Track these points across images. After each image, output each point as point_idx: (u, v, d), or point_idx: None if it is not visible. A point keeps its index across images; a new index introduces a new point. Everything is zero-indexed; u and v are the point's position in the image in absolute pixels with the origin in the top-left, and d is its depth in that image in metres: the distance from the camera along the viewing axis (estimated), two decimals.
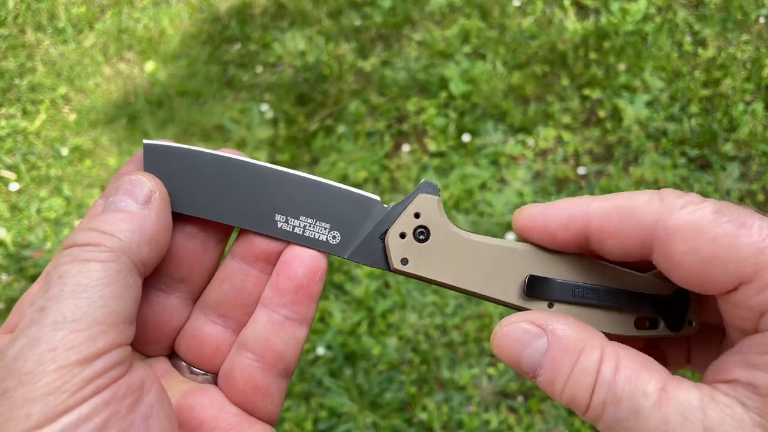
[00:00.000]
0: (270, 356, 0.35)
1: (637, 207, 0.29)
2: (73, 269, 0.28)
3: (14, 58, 2.63)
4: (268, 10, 2.63)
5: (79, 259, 0.28)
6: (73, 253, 0.29)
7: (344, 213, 0.35)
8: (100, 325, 0.27)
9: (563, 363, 0.29)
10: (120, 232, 0.30)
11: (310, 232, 0.34)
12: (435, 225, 0.35)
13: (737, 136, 1.93)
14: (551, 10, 2.37)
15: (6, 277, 1.96)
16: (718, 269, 0.27)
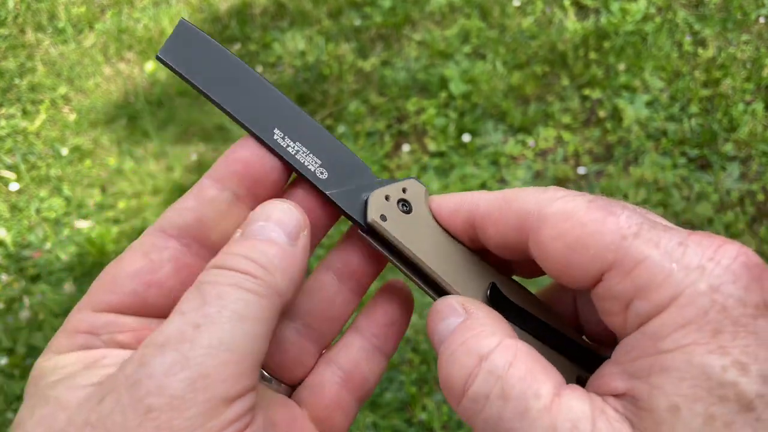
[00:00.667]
0: (358, 379, 0.34)
1: (520, 197, 0.29)
2: (233, 294, 0.26)
3: (14, 58, 2.63)
4: (268, 10, 2.63)
5: (241, 287, 0.26)
6: (235, 278, 0.27)
7: (337, 161, 0.34)
8: (249, 362, 0.25)
9: (455, 341, 0.28)
10: (276, 270, 0.28)
11: (302, 157, 0.34)
12: (418, 204, 0.34)
13: (737, 136, 1.93)
14: (551, 10, 2.37)
15: (6, 277, 1.96)
16: (582, 255, 0.25)
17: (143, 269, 0.30)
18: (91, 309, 0.29)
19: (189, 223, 0.31)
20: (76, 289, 1.89)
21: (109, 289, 0.30)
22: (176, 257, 0.30)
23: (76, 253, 1.98)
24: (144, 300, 0.30)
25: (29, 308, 1.86)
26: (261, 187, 0.32)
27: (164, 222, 0.31)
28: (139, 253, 0.30)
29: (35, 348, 1.78)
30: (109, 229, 2.01)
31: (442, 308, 0.30)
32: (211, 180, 0.31)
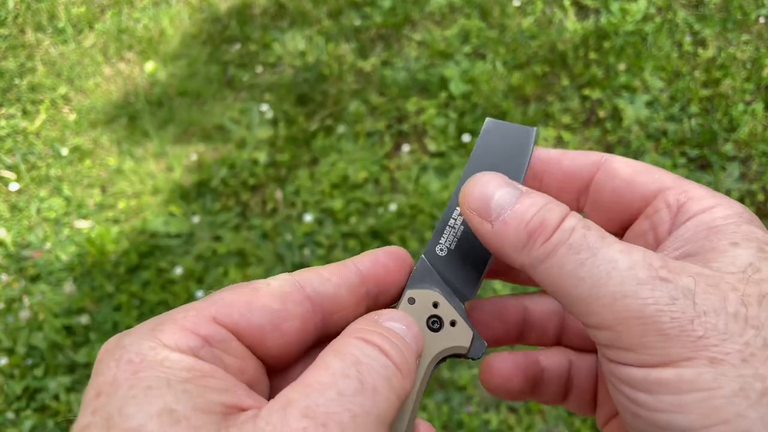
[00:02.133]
0: None
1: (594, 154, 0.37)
2: (384, 390, 0.27)
3: (14, 58, 2.63)
4: (268, 10, 2.63)
5: (391, 386, 0.27)
6: (388, 371, 0.28)
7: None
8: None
9: (537, 202, 0.30)
10: (398, 375, 0.29)
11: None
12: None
13: (737, 136, 1.93)
14: (551, 10, 2.37)
15: (6, 277, 1.96)
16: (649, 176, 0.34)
17: (279, 312, 0.30)
18: (214, 319, 0.29)
19: (327, 294, 0.32)
20: (76, 289, 1.89)
21: (240, 311, 0.30)
22: (305, 318, 0.31)
23: (76, 253, 1.98)
24: (264, 338, 0.30)
25: (29, 308, 1.86)
26: (385, 296, 0.34)
27: (306, 281, 0.32)
28: (278, 297, 0.31)
29: (35, 348, 1.78)
30: (109, 229, 2.01)
31: (496, 179, 0.32)
32: (356, 268, 0.33)
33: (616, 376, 0.28)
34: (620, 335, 0.27)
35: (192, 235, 1.96)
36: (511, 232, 0.30)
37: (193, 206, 2.03)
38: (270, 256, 1.87)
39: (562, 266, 0.28)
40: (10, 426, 1.64)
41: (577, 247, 0.28)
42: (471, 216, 0.31)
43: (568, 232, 0.29)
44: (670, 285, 0.27)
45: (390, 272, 0.33)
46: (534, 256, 0.29)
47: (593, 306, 0.28)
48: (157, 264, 1.90)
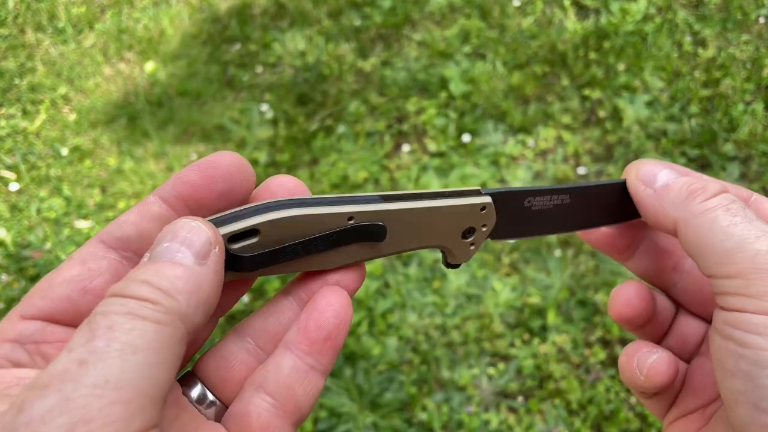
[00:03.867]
0: (290, 405, 0.32)
1: (741, 191, 0.40)
2: (126, 324, 0.24)
3: (14, 58, 2.63)
4: (268, 10, 2.63)
5: (134, 314, 0.24)
6: (128, 305, 0.25)
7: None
8: (143, 398, 0.23)
9: (697, 180, 0.36)
10: (178, 293, 0.26)
11: None
12: None
13: (737, 136, 1.93)
14: (551, 10, 2.37)
15: (6, 277, 1.96)
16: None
17: (79, 276, 0.29)
18: (21, 316, 0.28)
19: (130, 236, 0.30)
20: None
21: (42, 294, 0.28)
22: (115, 268, 0.30)
23: None
24: (77, 308, 0.28)
25: None
26: (205, 211, 0.31)
27: (105, 234, 0.30)
28: (77, 261, 0.29)
29: None
30: None
31: (660, 162, 0.38)
32: (156, 197, 0.31)
33: (731, 323, 0.31)
34: (751, 284, 0.31)
35: None
36: (673, 191, 0.35)
37: None
38: None
39: (716, 221, 0.33)
40: None
41: (734, 212, 0.33)
42: (637, 185, 0.37)
43: (729, 200, 0.33)
44: None
45: (196, 186, 0.31)
46: (691, 210, 0.34)
47: (735, 257, 0.31)
48: None
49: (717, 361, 0.33)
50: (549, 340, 1.60)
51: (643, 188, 0.37)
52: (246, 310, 1.78)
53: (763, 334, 0.30)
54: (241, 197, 0.32)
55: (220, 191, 0.31)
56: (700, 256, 0.33)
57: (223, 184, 0.31)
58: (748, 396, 0.30)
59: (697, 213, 0.33)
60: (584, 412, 1.50)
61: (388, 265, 1.81)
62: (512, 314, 1.66)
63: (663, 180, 0.37)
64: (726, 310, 0.32)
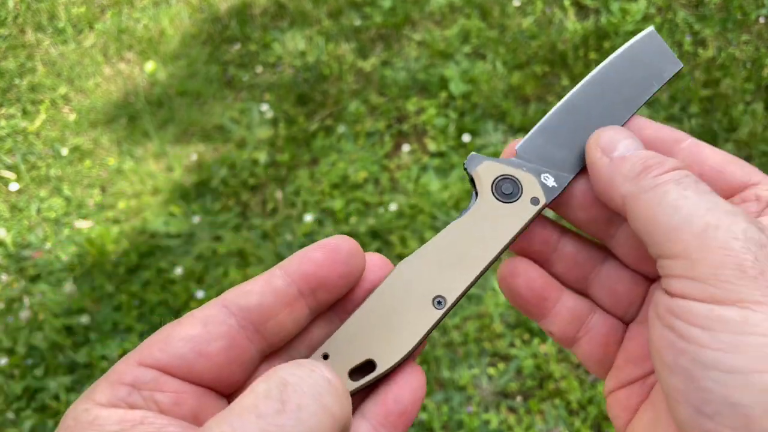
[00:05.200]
0: None
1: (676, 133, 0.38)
2: (312, 406, 0.26)
3: (14, 58, 2.63)
4: (268, 10, 2.63)
5: (321, 402, 0.26)
6: (317, 385, 0.27)
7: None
8: None
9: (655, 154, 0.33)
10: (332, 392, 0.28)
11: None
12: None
13: (737, 136, 1.93)
14: (551, 10, 2.37)
15: (6, 277, 1.96)
16: (737, 166, 0.36)
17: (198, 337, 0.30)
18: (138, 362, 0.30)
19: (251, 306, 0.31)
20: (76, 289, 1.89)
21: (160, 347, 0.30)
22: (231, 335, 0.31)
23: (76, 253, 1.98)
24: (191, 366, 0.30)
25: (29, 308, 1.86)
26: (325, 291, 0.33)
27: (229, 299, 0.32)
28: (199, 321, 0.31)
29: (35, 348, 1.78)
30: (109, 229, 2.01)
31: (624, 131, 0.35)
32: (281, 271, 0.32)
33: (673, 311, 0.28)
34: (697, 264, 0.27)
35: (192, 235, 1.96)
36: (628, 163, 0.33)
37: (193, 206, 2.03)
38: (270, 256, 1.87)
39: (666, 195, 0.30)
40: (10, 426, 1.64)
41: (685, 185, 0.30)
42: (594, 151, 0.35)
43: (681, 174, 0.31)
44: (762, 234, 0.28)
45: (321, 265, 0.33)
46: (642, 185, 0.31)
47: (681, 233, 0.28)
48: (157, 264, 1.90)
49: (655, 351, 0.30)
50: (549, 340, 1.60)
51: (599, 156, 0.34)
52: None
53: (707, 327, 0.27)
54: (356, 280, 0.34)
55: (341, 272, 0.33)
56: (648, 234, 0.30)
57: (343, 267, 0.33)
58: (689, 397, 0.27)
59: (648, 188, 0.31)
60: (584, 412, 1.50)
61: None
62: (512, 314, 1.66)
63: (622, 150, 0.34)
64: (670, 294, 0.29)
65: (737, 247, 0.27)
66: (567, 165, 0.37)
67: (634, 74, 0.38)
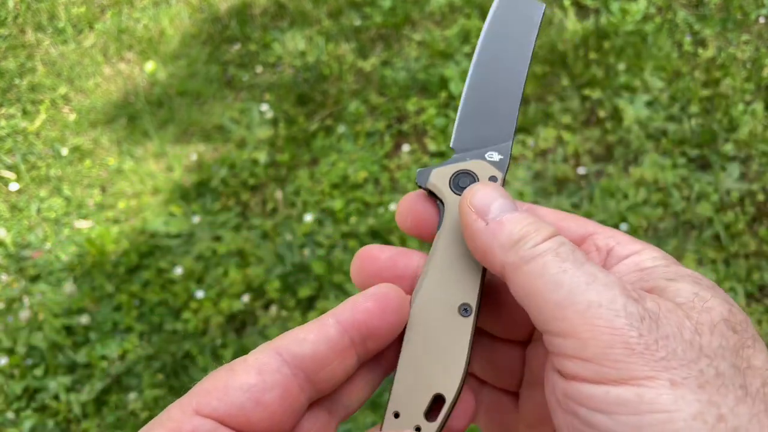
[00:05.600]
0: None
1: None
2: None
3: (14, 58, 2.63)
4: (268, 10, 2.63)
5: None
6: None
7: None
8: None
9: (531, 217, 0.32)
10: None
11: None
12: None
13: (737, 136, 1.93)
14: (551, 10, 2.37)
15: (6, 277, 1.96)
16: (575, 222, 0.36)
17: (256, 386, 0.30)
18: (196, 411, 0.29)
19: (305, 355, 0.32)
20: (76, 289, 1.89)
21: (218, 396, 0.30)
22: (285, 384, 0.31)
23: (76, 253, 1.98)
24: (248, 417, 0.30)
25: (29, 308, 1.86)
26: (374, 341, 0.34)
27: (282, 346, 0.32)
28: (254, 369, 0.31)
29: (35, 348, 1.78)
30: (109, 229, 2.01)
31: (496, 189, 0.34)
32: (335, 320, 0.33)
33: (571, 396, 0.28)
34: (586, 344, 0.27)
35: (192, 235, 1.96)
36: (505, 231, 0.32)
37: (193, 206, 2.03)
38: (270, 256, 1.87)
39: (545, 268, 0.29)
40: (10, 426, 1.64)
41: (564, 257, 0.30)
42: (468, 213, 0.33)
43: (558, 244, 0.30)
44: (639, 305, 0.28)
45: (373, 315, 0.33)
46: (521, 255, 0.31)
47: (566, 311, 0.28)
48: (157, 264, 1.90)
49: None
50: None
51: (474, 218, 0.33)
52: (246, 310, 1.78)
53: (609, 411, 0.26)
54: (401, 328, 0.35)
55: (392, 322, 0.34)
56: (531, 308, 0.30)
57: (394, 316, 0.34)
58: None
59: (527, 258, 0.30)
60: None
61: None
62: None
63: (496, 212, 0.33)
64: (564, 376, 0.29)
65: (621, 324, 0.27)
66: (501, 135, 0.38)
67: (511, 31, 0.40)
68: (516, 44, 0.39)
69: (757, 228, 1.76)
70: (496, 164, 0.37)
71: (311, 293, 1.78)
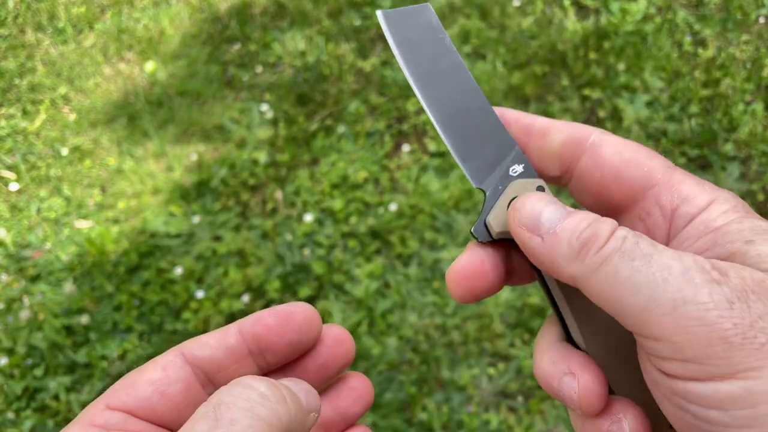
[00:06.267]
0: None
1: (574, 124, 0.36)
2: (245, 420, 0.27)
3: (14, 58, 2.63)
4: (268, 10, 2.63)
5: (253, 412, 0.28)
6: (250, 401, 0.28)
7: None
8: None
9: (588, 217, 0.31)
10: (292, 406, 0.30)
11: None
12: None
13: (737, 136, 1.93)
14: (551, 10, 2.37)
15: (6, 277, 1.96)
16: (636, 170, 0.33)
17: (160, 380, 0.33)
18: (107, 406, 0.32)
19: (204, 358, 0.35)
20: (76, 289, 1.89)
21: (126, 391, 0.33)
22: (188, 380, 0.34)
23: (76, 253, 1.98)
24: (154, 408, 0.33)
25: (29, 308, 1.86)
26: (272, 354, 0.36)
27: (186, 348, 0.35)
28: (160, 366, 0.34)
29: (35, 348, 1.78)
30: (109, 229, 2.01)
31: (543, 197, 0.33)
32: (236, 330, 0.36)
33: (681, 395, 0.27)
34: (683, 346, 0.26)
35: (192, 235, 1.96)
36: (563, 242, 0.30)
37: (193, 206, 2.03)
38: (270, 256, 1.87)
39: (617, 273, 0.28)
40: (10, 426, 1.64)
41: (630, 254, 0.28)
42: (521, 232, 0.32)
43: (621, 241, 0.29)
44: (725, 288, 0.26)
45: (272, 330, 0.35)
46: (587, 264, 0.29)
47: (652, 315, 0.27)
48: (157, 264, 1.90)
49: (681, 426, 0.29)
50: None
51: (528, 237, 0.32)
52: (246, 310, 1.78)
53: (722, 408, 0.26)
54: (305, 348, 0.37)
55: (290, 340, 0.36)
56: (616, 315, 0.29)
57: (293, 335, 0.36)
58: None
59: (595, 267, 0.29)
60: None
61: (388, 265, 1.81)
62: (512, 314, 1.66)
63: (547, 224, 0.31)
64: (667, 375, 0.28)
65: (713, 319, 0.26)
66: (505, 144, 0.36)
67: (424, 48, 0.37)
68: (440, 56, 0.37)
69: None
70: (528, 172, 0.35)
71: (311, 293, 1.78)
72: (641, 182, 0.33)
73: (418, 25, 0.37)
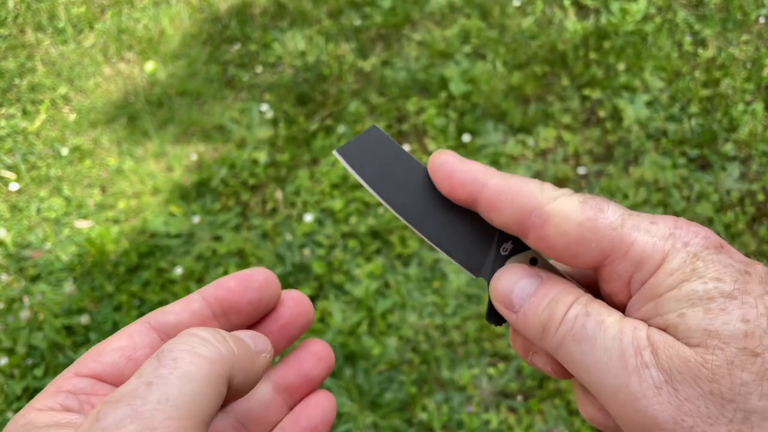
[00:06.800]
0: None
1: (523, 193, 0.33)
2: (186, 357, 0.29)
3: (14, 58, 2.63)
4: (268, 10, 2.63)
5: (195, 352, 0.29)
6: (191, 343, 0.30)
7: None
8: (193, 418, 0.28)
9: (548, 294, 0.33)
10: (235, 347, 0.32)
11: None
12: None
13: (737, 136, 1.93)
14: (551, 10, 2.37)
15: (6, 277, 1.96)
16: (585, 247, 0.32)
17: (126, 346, 0.35)
18: (75, 374, 0.34)
19: (170, 323, 0.37)
20: (76, 289, 1.89)
21: (94, 358, 0.35)
22: (154, 345, 0.36)
23: (76, 253, 1.98)
24: (122, 372, 0.34)
25: (29, 308, 1.86)
26: (236, 315, 0.38)
27: (152, 317, 0.37)
28: (126, 335, 0.36)
29: (35, 348, 1.78)
30: (109, 229, 2.01)
31: (517, 270, 0.35)
32: (199, 296, 0.38)
33: None
34: (627, 427, 0.29)
35: (192, 235, 1.96)
36: (529, 323, 0.33)
37: (193, 206, 2.03)
38: (270, 256, 1.87)
39: (571, 355, 0.31)
40: None
41: (579, 339, 0.31)
42: (500, 308, 0.35)
43: (571, 323, 0.31)
44: (653, 371, 0.28)
45: (233, 292, 0.37)
46: (549, 345, 0.32)
47: (602, 397, 0.30)
48: (157, 264, 1.90)
49: None
50: None
51: (506, 313, 0.35)
52: None
53: None
54: (266, 308, 0.39)
55: (251, 299, 0.38)
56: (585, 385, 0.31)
57: (254, 294, 0.38)
58: None
59: (555, 348, 0.32)
60: None
61: (388, 264, 1.81)
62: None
63: (518, 302, 0.34)
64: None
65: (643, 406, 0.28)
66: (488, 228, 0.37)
67: (384, 167, 0.38)
68: (402, 168, 0.38)
69: (757, 228, 1.76)
70: (518, 247, 0.37)
71: (311, 293, 1.78)
72: (595, 256, 0.33)
73: (374, 149, 0.39)
